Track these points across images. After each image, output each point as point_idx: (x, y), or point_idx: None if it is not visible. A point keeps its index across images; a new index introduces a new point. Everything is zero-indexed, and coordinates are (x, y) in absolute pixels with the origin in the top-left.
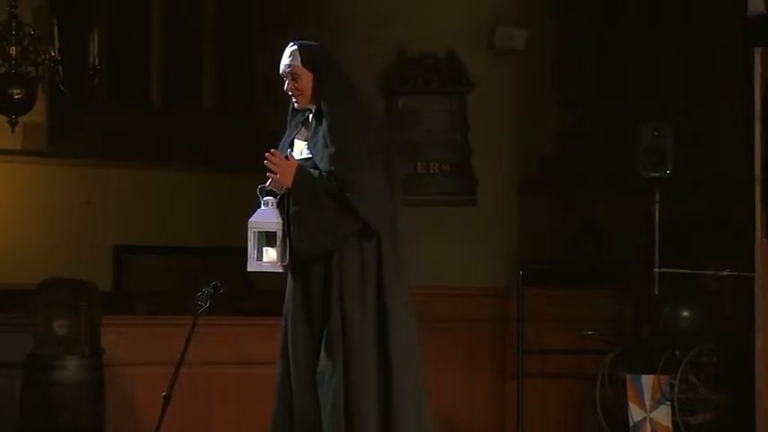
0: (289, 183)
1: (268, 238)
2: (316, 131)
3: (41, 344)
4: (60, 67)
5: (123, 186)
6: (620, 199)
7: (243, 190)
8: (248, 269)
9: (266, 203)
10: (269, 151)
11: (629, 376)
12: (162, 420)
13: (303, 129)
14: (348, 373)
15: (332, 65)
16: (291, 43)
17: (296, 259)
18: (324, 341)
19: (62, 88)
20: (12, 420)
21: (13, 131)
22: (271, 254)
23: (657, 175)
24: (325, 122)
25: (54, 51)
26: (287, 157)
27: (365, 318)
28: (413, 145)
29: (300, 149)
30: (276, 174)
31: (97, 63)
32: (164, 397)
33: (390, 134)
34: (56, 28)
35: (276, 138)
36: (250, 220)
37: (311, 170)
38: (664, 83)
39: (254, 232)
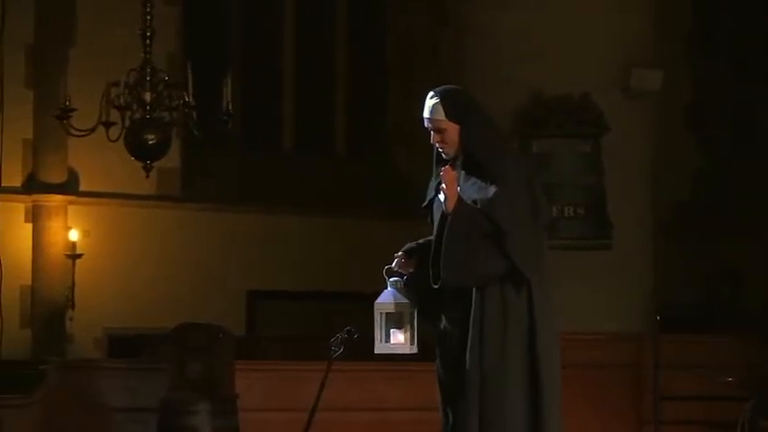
0: (451, 205)
1: (395, 320)
2: (466, 179)
3: (175, 388)
4: (194, 112)
5: (256, 231)
6: (762, 242)
7: (376, 234)
8: (376, 351)
9: (393, 284)
10: (445, 166)
11: None
12: None
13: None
14: (486, 419)
15: (476, 111)
16: (432, 94)
17: (442, 289)
18: (459, 387)
19: (196, 133)
20: None
21: (147, 176)
22: (398, 336)
23: None
24: (480, 168)
25: (188, 96)
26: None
27: (508, 364)
28: (547, 188)
29: None
30: (447, 190)
31: (230, 108)
32: None
33: (535, 176)
34: (190, 73)
35: (410, 181)
36: (376, 301)
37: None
38: None
39: (381, 314)
